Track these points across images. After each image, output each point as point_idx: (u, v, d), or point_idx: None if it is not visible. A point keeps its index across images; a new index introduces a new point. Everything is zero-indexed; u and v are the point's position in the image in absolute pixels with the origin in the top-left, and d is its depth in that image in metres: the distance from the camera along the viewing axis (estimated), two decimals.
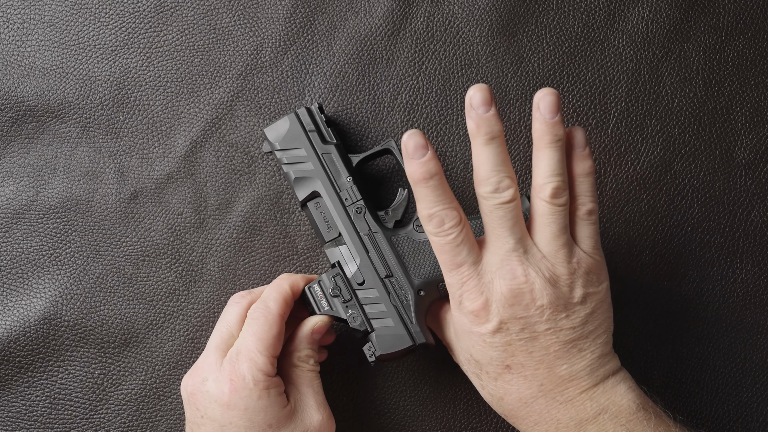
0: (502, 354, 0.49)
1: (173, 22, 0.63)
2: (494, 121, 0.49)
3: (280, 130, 0.58)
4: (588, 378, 0.49)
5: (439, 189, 0.49)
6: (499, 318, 0.49)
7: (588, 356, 0.50)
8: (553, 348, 0.49)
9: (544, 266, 0.49)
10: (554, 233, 0.50)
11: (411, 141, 0.49)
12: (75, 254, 0.62)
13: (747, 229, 0.61)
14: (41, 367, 0.61)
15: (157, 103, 0.62)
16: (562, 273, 0.49)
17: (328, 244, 0.57)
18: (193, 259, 0.61)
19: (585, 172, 0.51)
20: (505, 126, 0.62)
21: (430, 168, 0.49)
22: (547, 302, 0.49)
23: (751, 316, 0.61)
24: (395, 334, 0.55)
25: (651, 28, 0.62)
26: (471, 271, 0.50)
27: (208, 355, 0.53)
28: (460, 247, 0.50)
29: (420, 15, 0.62)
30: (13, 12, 0.63)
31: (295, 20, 0.63)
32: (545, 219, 0.50)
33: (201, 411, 0.51)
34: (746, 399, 0.61)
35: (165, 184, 0.62)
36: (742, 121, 0.62)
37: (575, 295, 0.49)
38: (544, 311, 0.49)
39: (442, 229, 0.50)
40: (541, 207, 0.50)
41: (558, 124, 0.49)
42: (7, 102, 0.62)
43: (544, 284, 0.49)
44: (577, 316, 0.49)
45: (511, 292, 0.49)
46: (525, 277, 0.49)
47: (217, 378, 0.51)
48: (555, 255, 0.50)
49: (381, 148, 0.58)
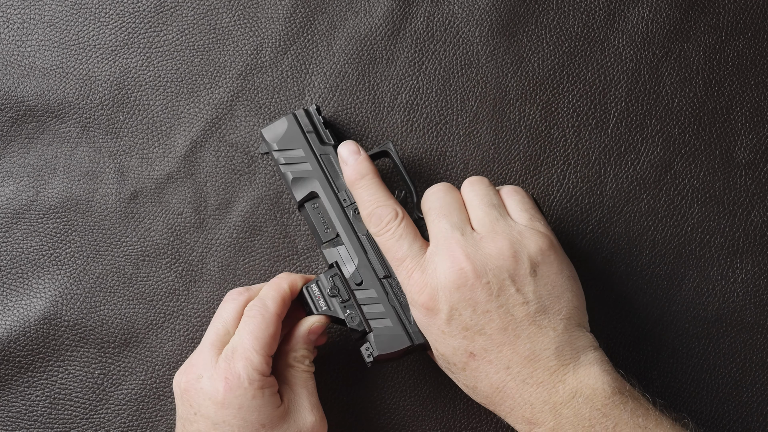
0: (463, 342, 0.49)
1: (173, 22, 0.63)
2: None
3: (277, 130, 0.58)
4: (555, 358, 0.48)
5: (372, 187, 0.52)
6: (449, 305, 0.49)
7: (550, 333, 0.48)
8: (510, 327, 0.48)
9: (486, 243, 0.49)
10: (485, 211, 0.50)
11: (344, 148, 0.54)
12: (75, 254, 0.62)
13: (747, 229, 0.61)
14: (41, 367, 0.61)
15: (157, 103, 0.62)
16: (503, 246, 0.49)
17: (325, 244, 0.57)
18: (193, 259, 0.61)
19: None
20: (505, 126, 0.62)
21: (360, 168, 0.53)
22: (492, 277, 0.48)
23: (751, 316, 0.61)
24: (393, 335, 0.55)
25: (651, 28, 0.62)
26: (414, 263, 0.50)
27: (202, 351, 0.53)
28: (401, 241, 0.51)
29: (420, 15, 0.62)
30: (13, 12, 0.63)
31: (295, 20, 0.63)
32: (476, 201, 0.51)
33: (194, 408, 0.51)
34: (746, 399, 0.61)
35: (165, 184, 0.62)
36: (742, 121, 0.62)
37: (521, 267, 0.49)
38: (491, 287, 0.48)
39: (380, 227, 0.52)
40: (468, 192, 0.52)
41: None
42: (7, 102, 0.62)
43: (485, 260, 0.48)
44: (528, 290, 0.49)
45: (454, 273, 0.48)
46: (465, 256, 0.48)
47: (212, 376, 0.51)
48: (493, 228, 0.50)
49: (379, 150, 0.58)
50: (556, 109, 0.62)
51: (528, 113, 0.62)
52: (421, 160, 0.62)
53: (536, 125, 0.62)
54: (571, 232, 0.61)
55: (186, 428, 0.52)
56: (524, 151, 0.62)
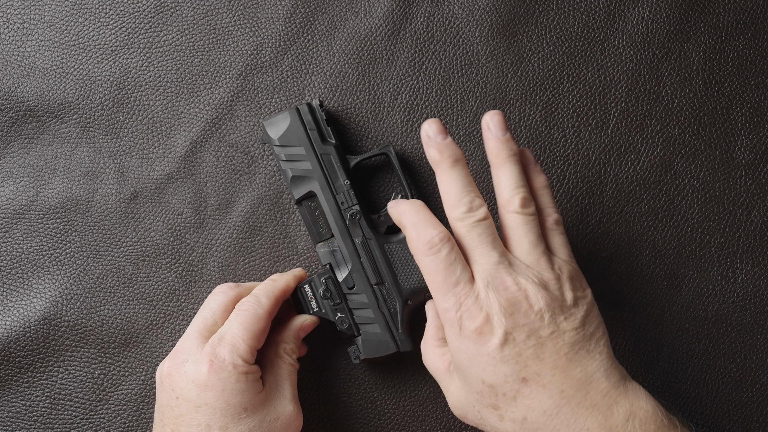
0: (516, 367, 0.48)
1: (173, 22, 0.63)
2: (453, 145, 0.51)
3: (279, 125, 0.58)
4: (605, 380, 0.49)
5: (422, 212, 0.51)
6: (504, 329, 0.48)
7: (597, 357, 0.49)
8: (562, 351, 0.48)
9: (531, 274, 0.49)
10: (532, 242, 0.50)
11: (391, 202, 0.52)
12: (75, 254, 0.62)
13: (747, 230, 0.61)
14: (41, 367, 0.61)
15: (157, 103, 0.62)
16: (549, 278, 0.50)
17: (320, 243, 0.58)
18: (193, 259, 0.61)
19: (543, 185, 0.53)
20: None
21: (414, 200, 0.52)
22: (544, 305, 0.48)
23: (751, 316, 0.61)
24: (381, 340, 0.57)
25: (651, 28, 0.62)
26: (467, 289, 0.49)
27: (188, 339, 0.53)
28: (454, 265, 0.49)
29: (420, 15, 0.62)
30: (13, 12, 0.63)
31: (295, 20, 0.63)
32: (520, 230, 0.50)
33: (177, 392, 0.51)
34: (746, 399, 0.61)
35: (165, 184, 0.62)
36: (742, 122, 0.62)
37: (567, 297, 0.50)
38: (543, 315, 0.48)
39: (432, 245, 0.50)
40: (514, 220, 0.51)
41: (510, 140, 0.51)
42: (7, 102, 0.62)
43: (536, 289, 0.49)
44: (575, 318, 0.49)
45: (508, 301, 0.48)
46: (516, 285, 0.49)
47: (197, 359, 0.52)
48: (538, 263, 0.50)
49: (378, 152, 0.59)
50: (556, 110, 0.62)
51: (528, 113, 0.62)
52: (421, 160, 0.62)
53: (536, 125, 0.62)
54: (571, 232, 0.61)
55: (165, 415, 0.52)
56: None
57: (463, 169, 0.51)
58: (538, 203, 0.53)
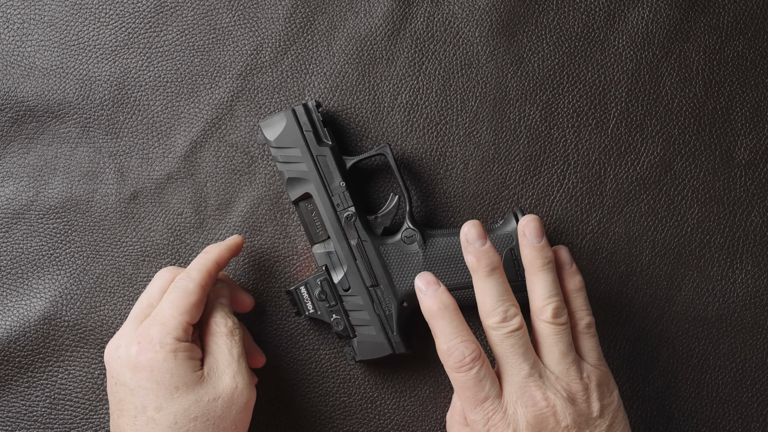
0: None
1: (173, 22, 0.63)
2: (492, 252, 0.51)
3: (276, 126, 0.58)
4: None
5: (455, 320, 0.51)
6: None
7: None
8: None
9: (560, 386, 0.50)
10: (562, 352, 0.51)
11: (422, 279, 0.52)
12: (75, 254, 0.62)
13: (747, 230, 0.61)
14: (41, 367, 0.61)
15: (157, 104, 0.62)
16: (577, 390, 0.50)
17: (317, 245, 0.58)
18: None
19: (576, 287, 0.54)
20: (505, 126, 0.62)
21: (444, 299, 0.51)
22: (570, 422, 0.49)
23: (751, 317, 0.61)
24: (376, 342, 0.57)
25: (651, 28, 0.62)
26: (495, 405, 0.50)
27: (126, 324, 0.53)
28: (483, 381, 0.50)
29: (420, 15, 0.62)
30: (13, 12, 0.63)
31: (295, 20, 0.62)
32: (551, 339, 0.51)
33: (114, 378, 0.51)
34: (746, 399, 0.61)
35: (165, 185, 0.62)
36: (742, 122, 0.62)
37: (593, 409, 0.50)
38: (570, 431, 0.49)
39: (463, 364, 0.50)
40: (545, 329, 0.51)
41: (545, 247, 0.52)
42: (7, 102, 0.62)
43: (564, 404, 0.49)
44: (600, 430, 0.50)
45: (536, 418, 0.49)
46: (545, 401, 0.49)
47: (128, 343, 0.51)
48: (567, 373, 0.50)
49: (375, 152, 0.58)
50: (556, 110, 0.62)
51: (528, 113, 0.62)
52: (420, 160, 0.62)
53: (536, 125, 0.62)
54: (571, 232, 0.61)
55: (111, 402, 0.52)
56: (524, 152, 0.62)
57: (500, 277, 0.51)
58: (571, 306, 0.53)
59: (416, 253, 0.57)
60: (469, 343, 0.50)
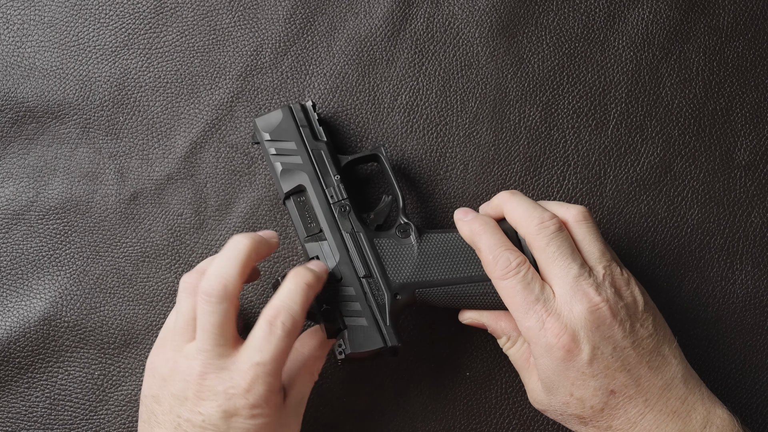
0: (605, 380, 0.49)
1: (173, 23, 0.63)
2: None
3: (271, 121, 0.57)
4: (683, 386, 0.50)
5: (497, 234, 0.52)
6: (591, 344, 0.49)
7: (673, 361, 0.50)
8: (644, 360, 0.49)
9: (608, 282, 0.50)
10: (601, 249, 0.52)
11: (459, 210, 0.55)
12: (75, 255, 0.62)
13: (747, 231, 0.61)
14: (41, 367, 0.61)
15: (157, 104, 0.62)
16: (621, 284, 0.51)
17: (308, 238, 0.57)
18: (193, 260, 0.61)
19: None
20: (504, 127, 0.62)
21: (484, 218, 0.53)
22: (624, 315, 0.49)
23: (751, 317, 0.61)
24: (367, 334, 0.55)
25: (651, 29, 0.62)
26: (549, 306, 0.50)
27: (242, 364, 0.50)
28: (532, 283, 0.50)
29: (420, 16, 0.62)
30: (13, 13, 0.63)
31: (295, 21, 0.63)
32: (590, 237, 0.52)
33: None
34: (746, 399, 0.61)
35: (165, 185, 0.62)
36: (741, 123, 0.62)
37: (638, 301, 0.51)
38: (624, 325, 0.49)
39: (510, 268, 0.50)
40: (582, 228, 0.52)
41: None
42: (7, 103, 0.62)
43: (616, 299, 0.50)
44: (649, 323, 0.50)
45: (592, 314, 0.49)
46: (600, 296, 0.49)
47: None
48: (610, 268, 0.51)
49: (370, 153, 0.58)
50: (556, 110, 0.62)
51: (528, 114, 0.62)
52: (420, 160, 0.62)
53: (536, 126, 0.62)
54: None
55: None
56: (524, 152, 0.62)
57: (524, 196, 0.53)
58: None
59: (411, 245, 0.56)
60: (513, 251, 0.51)
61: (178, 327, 0.51)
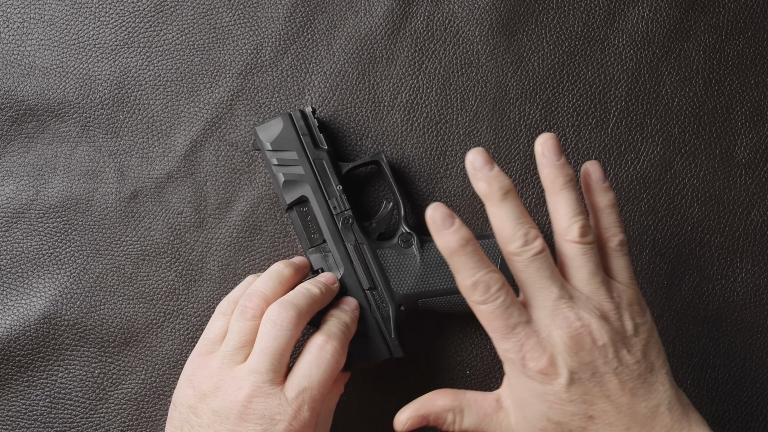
0: (582, 406, 0.48)
1: (173, 21, 0.63)
2: (503, 176, 0.48)
3: (272, 130, 0.58)
4: (668, 414, 0.48)
5: (477, 254, 0.48)
6: (569, 369, 0.47)
7: (660, 389, 0.48)
8: (627, 386, 0.48)
9: (592, 306, 0.48)
10: (591, 272, 0.49)
11: (437, 213, 0.47)
12: (75, 253, 0.62)
13: (747, 229, 0.61)
14: (41, 366, 0.61)
15: (157, 103, 0.62)
16: (609, 309, 0.48)
17: (311, 249, 0.57)
18: (193, 258, 0.61)
19: (609, 203, 0.51)
20: (505, 125, 0.62)
21: (463, 234, 0.47)
22: (608, 340, 0.48)
23: (751, 316, 0.61)
24: (373, 346, 0.56)
25: (651, 27, 0.62)
26: (527, 330, 0.48)
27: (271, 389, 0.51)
28: (511, 308, 0.48)
29: (420, 14, 0.62)
30: (13, 11, 0.63)
31: (295, 19, 0.63)
32: (579, 260, 0.49)
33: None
34: (746, 399, 0.61)
35: (165, 184, 0.62)
36: (742, 121, 0.62)
37: (627, 327, 0.49)
38: (607, 350, 0.48)
39: (489, 295, 0.47)
40: (572, 249, 0.49)
41: (565, 164, 0.49)
42: (7, 101, 0.62)
43: (599, 323, 0.48)
44: (637, 349, 0.48)
45: (572, 339, 0.47)
46: (580, 321, 0.47)
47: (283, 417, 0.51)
48: (597, 293, 0.49)
49: (370, 160, 0.59)
50: (556, 109, 0.62)
51: (528, 112, 0.62)
52: (421, 159, 0.62)
53: (536, 124, 0.62)
54: None
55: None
56: (524, 151, 0.62)
57: (514, 200, 0.48)
58: (601, 223, 0.51)
59: (413, 255, 0.57)
60: (493, 273, 0.48)
61: (231, 347, 0.52)
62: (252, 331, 0.52)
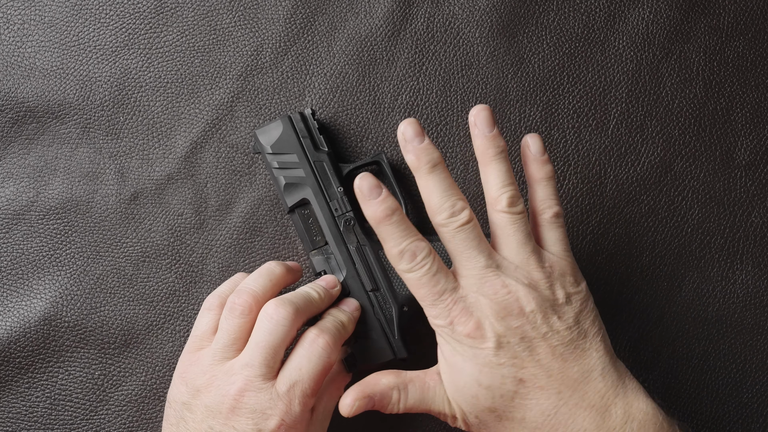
0: (512, 369, 0.48)
1: (173, 23, 0.63)
2: (432, 149, 0.49)
3: (272, 133, 0.58)
4: (601, 380, 0.49)
5: (403, 223, 0.49)
6: (495, 333, 0.48)
7: (594, 355, 0.49)
8: (557, 351, 0.48)
9: (521, 274, 0.49)
10: (520, 242, 0.50)
11: (364, 183, 0.48)
12: (75, 255, 0.62)
13: (747, 230, 0.61)
14: (41, 367, 0.61)
15: (157, 104, 0.62)
16: (539, 278, 0.49)
17: (314, 251, 0.57)
18: (194, 260, 0.61)
19: (544, 176, 0.52)
20: (505, 127, 0.62)
21: (389, 204, 0.49)
22: (535, 306, 0.48)
23: (752, 317, 0.61)
24: (377, 347, 0.56)
25: (651, 29, 0.62)
26: (454, 296, 0.49)
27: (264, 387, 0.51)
28: (437, 275, 0.49)
29: (420, 16, 0.62)
30: (13, 12, 0.63)
31: (295, 21, 0.63)
32: (508, 230, 0.50)
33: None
34: (746, 399, 0.61)
35: (165, 185, 0.62)
36: (742, 122, 0.62)
37: (558, 296, 0.49)
38: (536, 316, 0.48)
39: (415, 263, 0.49)
40: (501, 219, 0.50)
41: (497, 136, 0.51)
42: (7, 103, 0.62)
43: (526, 290, 0.48)
44: (568, 316, 0.49)
45: (498, 305, 0.48)
46: (505, 287, 0.48)
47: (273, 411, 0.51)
48: (527, 262, 0.50)
49: (370, 160, 0.59)
50: (557, 110, 0.62)
51: (528, 114, 0.62)
52: None
53: (536, 126, 0.62)
54: (571, 233, 0.61)
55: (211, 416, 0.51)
56: None
57: (442, 172, 0.49)
58: (536, 195, 0.52)
59: None
60: (419, 242, 0.49)
61: (221, 344, 0.52)
62: (241, 329, 0.52)
